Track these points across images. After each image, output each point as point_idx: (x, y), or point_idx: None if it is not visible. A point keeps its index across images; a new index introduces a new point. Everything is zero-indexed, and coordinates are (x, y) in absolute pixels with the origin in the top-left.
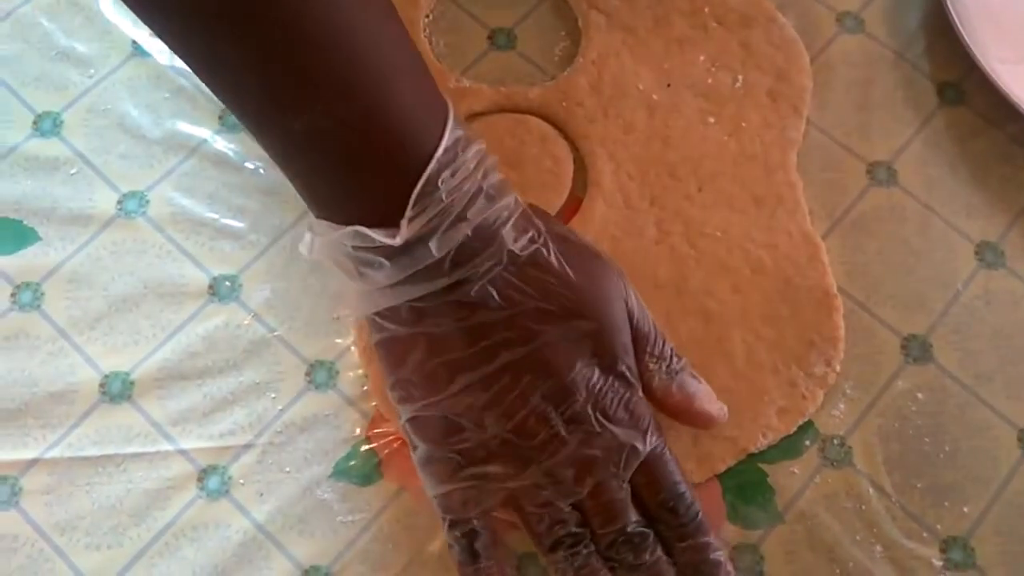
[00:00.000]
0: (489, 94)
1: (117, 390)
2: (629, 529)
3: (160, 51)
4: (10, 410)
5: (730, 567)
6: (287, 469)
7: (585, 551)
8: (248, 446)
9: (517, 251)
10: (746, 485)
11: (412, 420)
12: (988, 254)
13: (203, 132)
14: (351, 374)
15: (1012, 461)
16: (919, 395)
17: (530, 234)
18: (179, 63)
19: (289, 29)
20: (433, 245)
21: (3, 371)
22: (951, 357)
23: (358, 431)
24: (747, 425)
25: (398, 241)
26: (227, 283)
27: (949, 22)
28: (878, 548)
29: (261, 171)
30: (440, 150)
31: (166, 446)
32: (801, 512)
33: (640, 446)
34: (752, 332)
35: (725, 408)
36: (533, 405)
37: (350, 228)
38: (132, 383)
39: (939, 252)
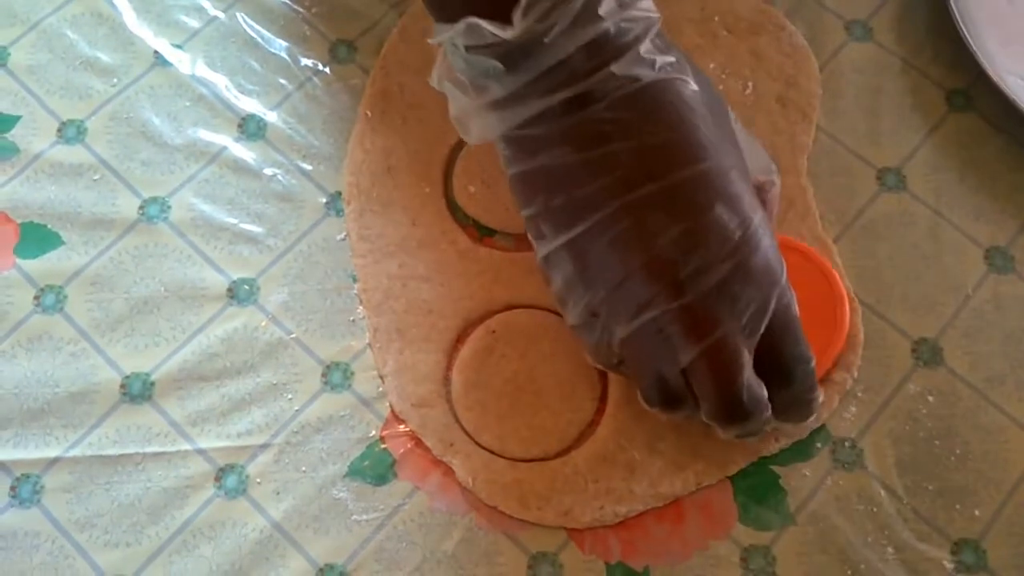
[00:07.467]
0: None
1: (137, 391)
2: (744, 397)
3: (181, 61)
4: (33, 410)
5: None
6: (303, 469)
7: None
8: (265, 446)
9: (654, 72)
10: (758, 487)
11: (545, 259)
12: (997, 259)
13: (223, 139)
14: (366, 375)
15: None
16: (930, 398)
17: (671, 57)
18: (200, 72)
19: None
20: (551, 41)
21: (26, 372)
22: (962, 361)
23: (373, 432)
24: None
25: (510, 34)
26: (245, 287)
27: (956, 29)
28: (890, 550)
29: (279, 178)
30: None
31: (184, 446)
32: (813, 514)
33: (771, 304)
34: None
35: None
36: (658, 250)
37: (463, 21)
38: (152, 384)
39: (949, 257)
